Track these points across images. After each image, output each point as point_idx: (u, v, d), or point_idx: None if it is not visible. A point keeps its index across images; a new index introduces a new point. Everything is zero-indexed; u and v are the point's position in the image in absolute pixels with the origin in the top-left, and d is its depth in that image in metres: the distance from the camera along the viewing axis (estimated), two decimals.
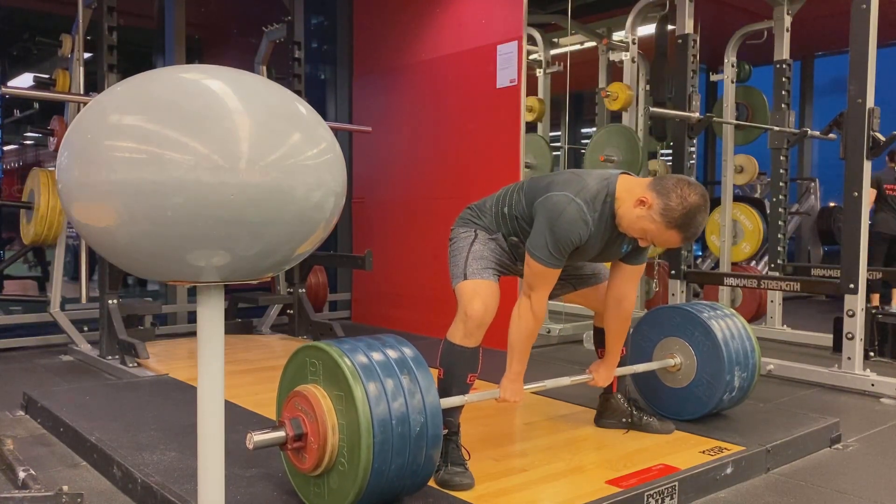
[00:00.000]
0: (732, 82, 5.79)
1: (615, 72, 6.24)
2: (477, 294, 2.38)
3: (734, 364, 2.85)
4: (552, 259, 2.32)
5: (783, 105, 5.40)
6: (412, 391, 1.98)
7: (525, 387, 2.47)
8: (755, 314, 5.85)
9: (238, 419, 2.88)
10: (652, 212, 2.25)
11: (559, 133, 6.77)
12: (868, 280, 3.99)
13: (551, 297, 2.82)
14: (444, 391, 2.41)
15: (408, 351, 2.09)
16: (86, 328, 4.73)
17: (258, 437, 1.96)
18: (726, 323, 2.93)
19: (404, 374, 2.00)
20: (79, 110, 4.32)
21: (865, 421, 3.35)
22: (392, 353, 2.05)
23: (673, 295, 4.61)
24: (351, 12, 6.19)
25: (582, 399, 3.23)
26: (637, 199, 2.28)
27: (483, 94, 4.86)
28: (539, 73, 6.33)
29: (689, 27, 4.54)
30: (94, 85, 4.50)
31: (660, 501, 2.27)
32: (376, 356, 2.01)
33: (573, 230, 2.29)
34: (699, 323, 2.90)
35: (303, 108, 1.59)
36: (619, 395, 2.87)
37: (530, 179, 2.53)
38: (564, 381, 2.69)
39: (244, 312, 5.38)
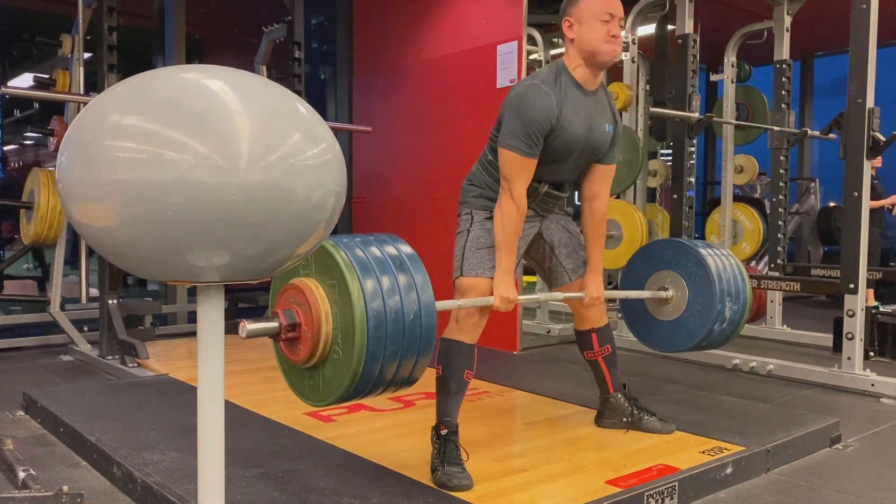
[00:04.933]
0: (732, 82, 5.79)
1: (615, 72, 6.23)
2: (472, 292, 2.44)
3: (725, 295, 2.81)
4: (523, 145, 2.36)
5: (783, 105, 5.40)
6: (406, 280, 1.99)
7: (519, 297, 2.47)
8: (755, 314, 5.84)
9: (238, 419, 2.88)
10: (574, 8, 2.42)
11: None
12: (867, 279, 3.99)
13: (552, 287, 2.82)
14: (442, 388, 2.43)
15: (404, 248, 2.10)
16: (86, 328, 4.73)
17: (251, 325, 1.92)
18: (719, 257, 2.91)
19: (396, 265, 2.01)
20: (79, 110, 4.33)
21: (865, 421, 3.35)
22: (389, 249, 2.05)
23: None
24: (351, 12, 6.19)
25: (582, 399, 3.24)
26: (566, 35, 2.44)
27: (483, 94, 4.86)
28: None
29: (689, 27, 4.54)
30: (94, 85, 4.50)
31: (660, 501, 2.27)
32: (372, 249, 2.01)
33: (539, 107, 2.35)
34: (692, 255, 2.86)
35: (303, 108, 1.59)
36: (619, 395, 2.87)
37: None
38: (557, 295, 2.71)
39: (244, 312, 5.38)
